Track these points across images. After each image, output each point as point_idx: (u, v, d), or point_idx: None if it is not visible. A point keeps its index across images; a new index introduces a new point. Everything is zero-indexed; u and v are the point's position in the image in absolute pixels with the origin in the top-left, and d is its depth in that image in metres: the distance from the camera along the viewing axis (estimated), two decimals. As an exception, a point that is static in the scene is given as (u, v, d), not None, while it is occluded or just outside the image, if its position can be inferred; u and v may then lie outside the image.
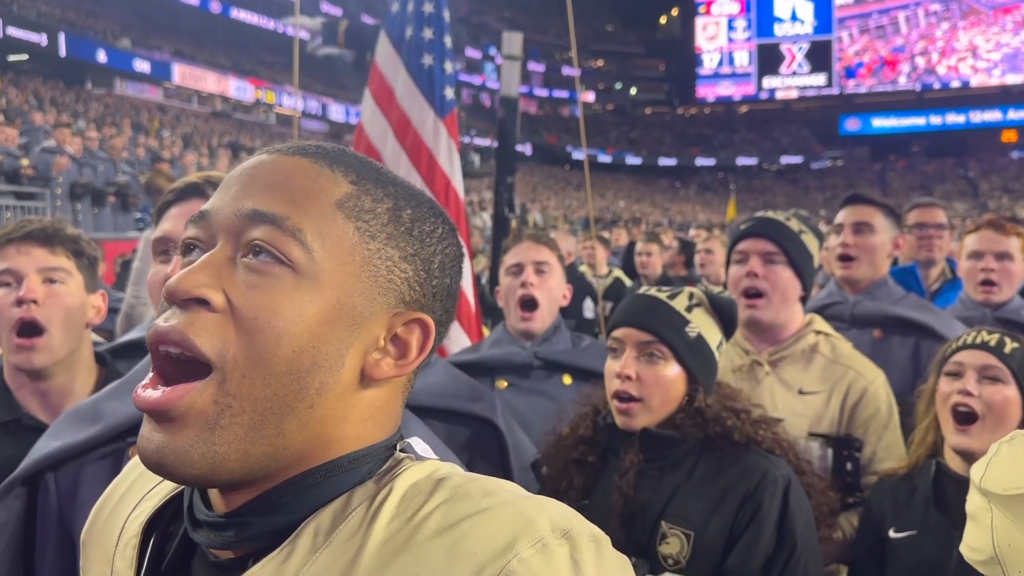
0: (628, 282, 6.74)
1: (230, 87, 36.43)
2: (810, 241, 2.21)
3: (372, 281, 0.72)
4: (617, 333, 1.74)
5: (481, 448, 1.92)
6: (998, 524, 0.94)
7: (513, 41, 3.92)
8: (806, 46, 58.30)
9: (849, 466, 2.01)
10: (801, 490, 1.67)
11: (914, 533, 1.80)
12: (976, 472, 0.96)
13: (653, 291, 1.79)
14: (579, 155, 54.06)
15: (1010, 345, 1.78)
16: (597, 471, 1.77)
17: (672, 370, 1.71)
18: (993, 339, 1.79)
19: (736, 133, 60.36)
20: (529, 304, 2.41)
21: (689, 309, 1.75)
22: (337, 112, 41.08)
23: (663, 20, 65.03)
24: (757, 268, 2.16)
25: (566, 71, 59.61)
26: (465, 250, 1.00)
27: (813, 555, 1.64)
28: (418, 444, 0.77)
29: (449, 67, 3.41)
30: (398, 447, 0.75)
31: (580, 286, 5.55)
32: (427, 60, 3.34)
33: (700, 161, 57.40)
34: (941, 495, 1.79)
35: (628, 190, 52.58)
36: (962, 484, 1.46)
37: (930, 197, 4.85)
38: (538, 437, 2.00)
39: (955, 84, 56.17)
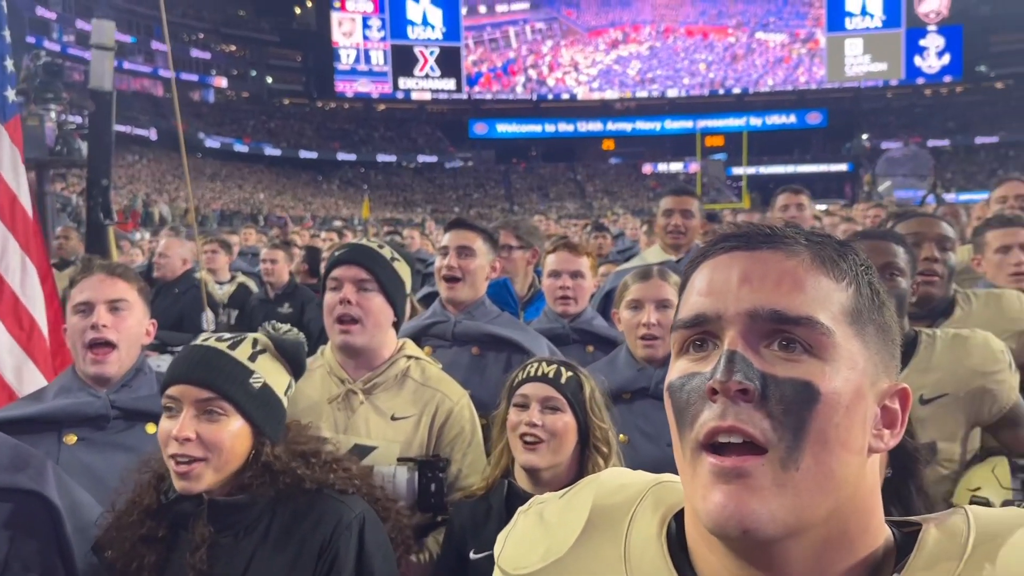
0: (254, 288, 6.44)
1: None
2: (402, 268, 2.26)
3: None
4: (173, 391, 1.60)
5: (25, 525, 1.65)
6: None
7: (103, 29, 3.50)
8: (437, 51, 61.32)
9: (433, 487, 2.08)
10: (378, 524, 1.69)
11: (491, 553, 1.90)
12: (497, 545, 0.99)
13: (212, 341, 1.68)
14: (212, 143, 51.03)
15: (565, 375, 1.98)
16: (169, 546, 1.62)
17: (235, 425, 1.61)
18: (551, 370, 1.98)
19: (376, 130, 61.50)
20: (102, 345, 2.13)
21: (253, 358, 1.66)
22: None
23: (298, 11, 63.92)
24: (350, 295, 2.16)
25: (195, 53, 55.85)
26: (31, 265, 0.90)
27: None
28: None
29: (10, 66, 2.92)
30: None
31: (195, 296, 5.17)
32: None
33: (342, 156, 57.48)
34: (512, 513, 1.91)
35: (268, 182, 50.91)
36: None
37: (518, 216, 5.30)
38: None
39: (564, 96, 63.08)
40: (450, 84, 61.98)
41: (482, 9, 62.39)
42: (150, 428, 2.11)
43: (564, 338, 3.03)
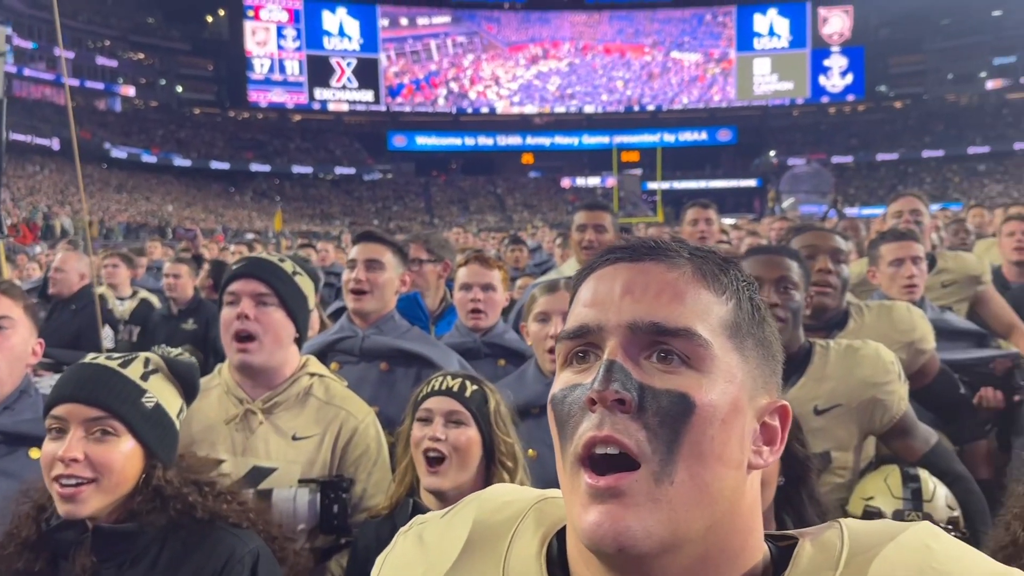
0: (157, 304, 6.20)
1: None
2: (304, 282, 2.20)
3: None
4: (58, 411, 1.51)
5: None
6: None
7: (-10, 33, 3.31)
8: (355, 62, 60.79)
9: (336, 508, 2.02)
10: (272, 561, 1.62)
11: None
12: (374, 569, 0.96)
13: (102, 359, 1.60)
14: (119, 153, 49.18)
15: (470, 389, 1.94)
16: None
17: (127, 446, 1.53)
18: (456, 384, 1.94)
19: (291, 141, 60.42)
20: None
21: (145, 377, 1.59)
22: None
23: (210, 19, 62.41)
24: (248, 310, 2.08)
25: (101, 60, 53.84)
26: None
27: None
28: None
29: None
30: None
31: (93, 312, 4.93)
32: None
33: (255, 167, 56.20)
34: None
35: (178, 193, 49.37)
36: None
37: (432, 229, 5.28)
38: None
39: (484, 110, 63.38)
40: (368, 96, 61.48)
41: (403, 21, 62.20)
42: (34, 453, 1.99)
43: (475, 352, 3.00)
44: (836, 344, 2.18)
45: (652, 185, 52.11)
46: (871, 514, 1.98)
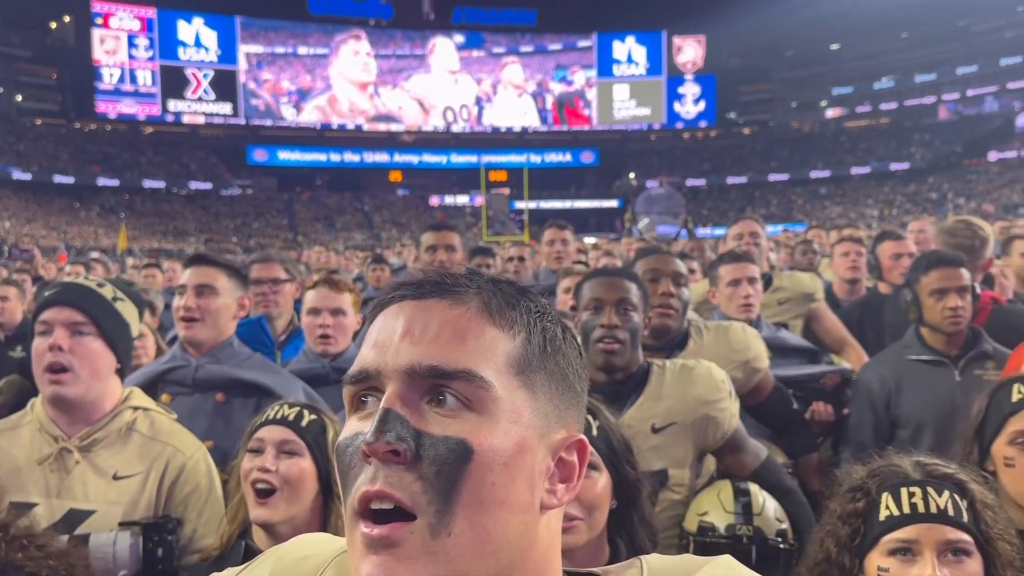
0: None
1: None
2: (126, 309, 2.05)
3: None
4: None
5: None
6: None
7: None
8: (212, 73, 58.63)
9: (160, 552, 1.88)
10: None
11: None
12: None
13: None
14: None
15: (308, 418, 1.85)
16: None
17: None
18: (292, 413, 1.85)
19: (142, 154, 57.44)
20: None
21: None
22: None
23: (54, 25, 58.62)
24: (62, 340, 1.92)
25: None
26: None
27: None
28: None
29: None
30: None
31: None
32: None
33: (103, 181, 52.97)
34: None
35: (16, 209, 45.88)
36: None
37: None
38: None
39: (350, 126, 62.53)
40: (226, 108, 59.41)
41: (265, 33, 60.57)
42: None
43: (324, 378, 2.88)
44: (672, 364, 2.24)
45: (520, 204, 52.98)
46: (705, 529, 2.04)
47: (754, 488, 2.11)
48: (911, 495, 1.33)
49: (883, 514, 1.34)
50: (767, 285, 4.05)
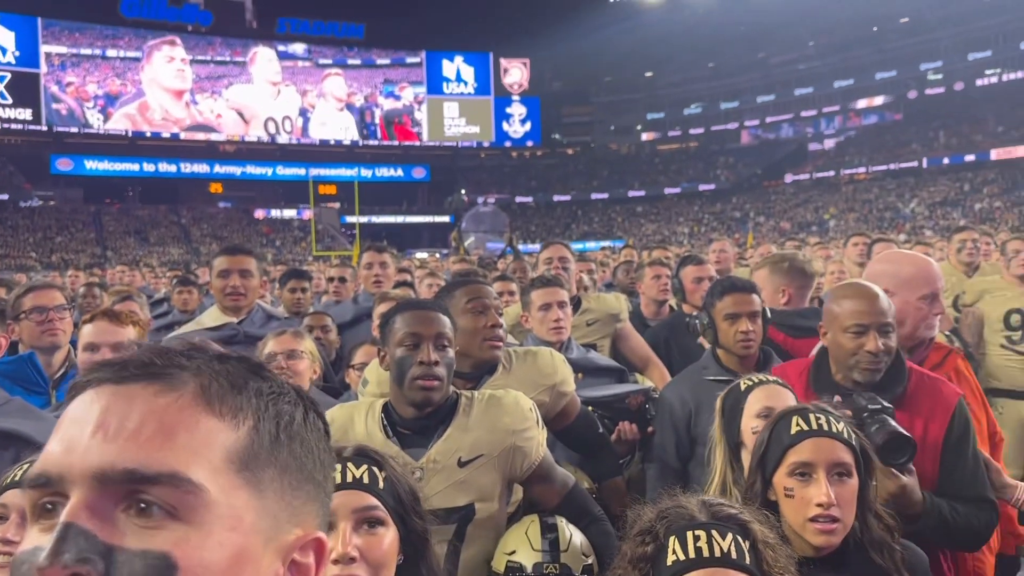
0: None
1: None
2: None
3: None
4: None
5: None
6: None
7: None
8: (9, 76, 53.63)
9: None
10: None
11: None
12: None
13: None
14: None
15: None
16: None
17: None
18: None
19: (-78, 161, 51.55)
20: None
21: None
22: None
23: None
24: None
25: None
26: None
27: None
28: None
29: None
30: None
31: None
32: None
33: None
34: None
35: None
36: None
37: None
38: None
39: (165, 134, 59.06)
40: (26, 114, 54.46)
41: (70, 34, 56.10)
42: None
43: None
44: (480, 395, 2.21)
45: (351, 219, 52.05)
46: (512, 569, 2.00)
47: (561, 523, 2.10)
48: (696, 539, 1.36)
49: (670, 559, 1.36)
50: (576, 307, 4.16)
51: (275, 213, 58.58)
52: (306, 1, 64.31)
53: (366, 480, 1.53)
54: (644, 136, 70.91)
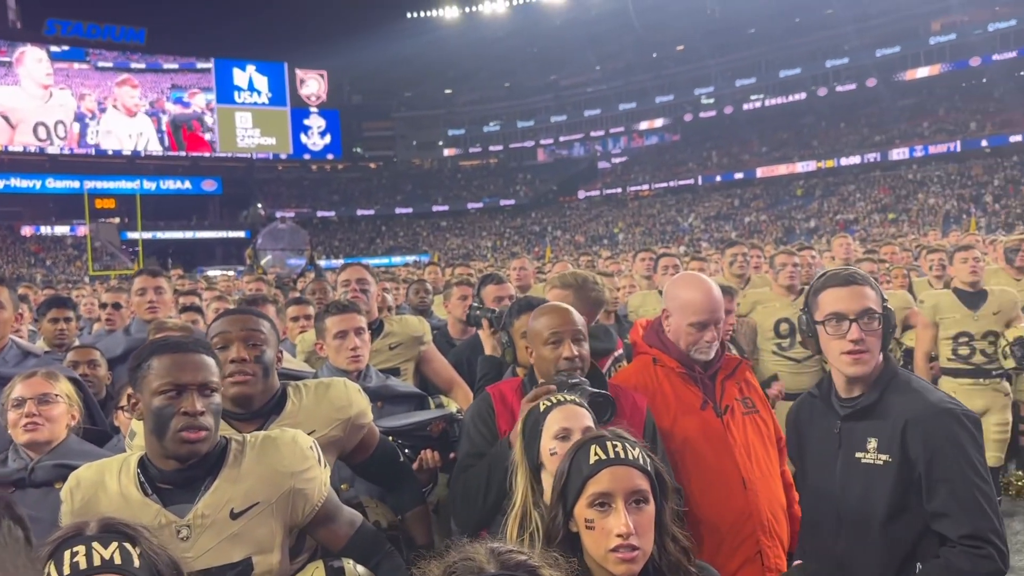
0: None
1: None
2: None
3: None
4: None
5: None
6: None
7: None
8: None
9: None
10: None
11: None
12: None
13: None
14: None
15: None
16: None
17: None
18: None
19: None
20: None
21: None
22: None
23: None
24: None
25: None
26: None
27: None
28: None
29: None
30: None
31: None
32: None
33: None
34: None
35: None
36: None
37: None
38: None
39: None
40: None
41: None
42: None
43: None
44: (252, 438, 2.01)
45: (132, 235, 48.51)
46: None
47: (349, 565, 1.99)
48: None
49: None
50: (378, 331, 4.02)
51: (45, 230, 53.40)
52: (81, 2, 59.28)
53: (117, 560, 1.35)
54: (446, 152, 71.72)
